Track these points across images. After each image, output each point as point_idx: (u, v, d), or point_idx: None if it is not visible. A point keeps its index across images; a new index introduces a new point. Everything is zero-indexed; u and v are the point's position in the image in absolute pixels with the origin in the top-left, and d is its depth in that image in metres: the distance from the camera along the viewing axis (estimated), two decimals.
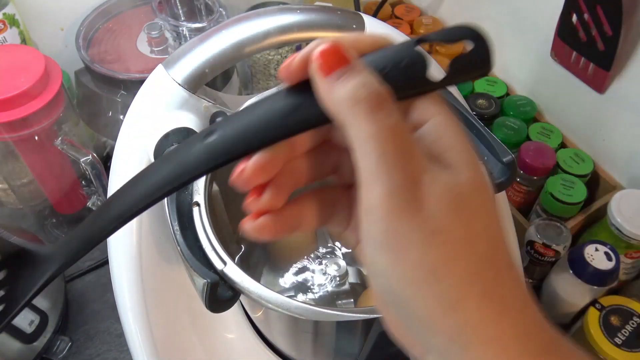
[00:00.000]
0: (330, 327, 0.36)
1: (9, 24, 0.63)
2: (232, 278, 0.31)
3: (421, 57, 0.20)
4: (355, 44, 0.20)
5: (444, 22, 0.86)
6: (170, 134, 0.38)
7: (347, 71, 0.19)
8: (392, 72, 0.20)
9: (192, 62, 0.39)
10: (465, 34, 0.20)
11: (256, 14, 0.40)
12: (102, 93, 0.61)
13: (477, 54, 0.20)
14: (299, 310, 0.30)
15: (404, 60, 0.20)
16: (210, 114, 0.40)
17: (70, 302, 0.62)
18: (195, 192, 0.35)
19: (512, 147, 0.66)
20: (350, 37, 0.20)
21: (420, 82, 0.20)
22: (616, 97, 0.62)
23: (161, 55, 0.62)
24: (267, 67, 0.74)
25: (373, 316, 0.30)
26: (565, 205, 0.60)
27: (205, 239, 0.32)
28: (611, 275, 0.54)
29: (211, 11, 0.64)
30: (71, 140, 0.57)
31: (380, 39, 0.21)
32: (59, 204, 0.65)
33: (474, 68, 0.20)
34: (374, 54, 0.20)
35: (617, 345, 0.52)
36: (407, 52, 0.20)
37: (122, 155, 0.40)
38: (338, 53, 0.19)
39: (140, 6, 0.68)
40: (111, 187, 0.41)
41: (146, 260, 0.41)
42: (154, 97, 0.39)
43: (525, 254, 0.60)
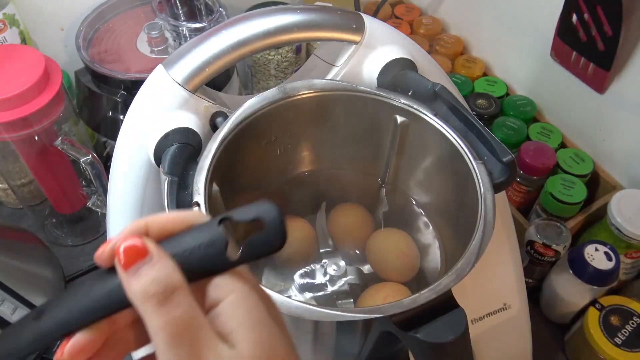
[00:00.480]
0: (330, 327, 0.36)
1: (9, 24, 0.63)
2: None
3: (221, 236, 0.21)
4: (166, 225, 0.22)
5: (444, 22, 0.86)
6: (170, 134, 0.38)
7: (145, 264, 0.20)
8: (193, 254, 0.21)
9: (192, 62, 0.39)
10: (259, 212, 0.21)
11: (256, 14, 0.40)
12: (102, 93, 0.61)
13: (269, 234, 0.21)
14: (299, 310, 0.30)
15: (205, 240, 0.21)
16: (210, 114, 0.40)
17: None
18: (195, 192, 0.35)
19: (512, 147, 0.66)
20: (162, 218, 0.22)
21: (219, 261, 0.21)
22: (616, 97, 0.62)
23: (161, 55, 0.62)
24: (267, 67, 0.74)
25: (373, 316, 0.30)
26: (565, 205, 0.60)
27: None
28: (611, 275, 0.54)
29: (211, 11, 0.64)
30: (71, 140, 0.57)
31: (191, 217, 0.23)
32: (59, 204, 0.65)
33: (267, 247, 0.21)
34: (178, 236, 0.22)
35: (617, 345, 0.52)
36: (209, 232, 0.22)
37: (122, 155, 0.40)
38: (137, 248, 0.21)
39: (140, 6, 0.68)
40: (111, 187, 0.41)
41: None
42: (154, 97, 0.39)
43: (525, 254, 0.60)
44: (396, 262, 0.45)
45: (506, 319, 0.50)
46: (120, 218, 0.40)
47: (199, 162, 0.36)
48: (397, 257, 0.45)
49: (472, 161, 0.37)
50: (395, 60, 0.42)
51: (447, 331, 0.30)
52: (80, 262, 0.66)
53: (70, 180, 0.63)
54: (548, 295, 0.60)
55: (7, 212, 0.72)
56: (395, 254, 0.45)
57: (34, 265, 0.58)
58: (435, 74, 0.45)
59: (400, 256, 0.45)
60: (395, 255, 0.45)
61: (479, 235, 0.33)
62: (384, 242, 0.46)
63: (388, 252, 0.45)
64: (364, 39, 0.42)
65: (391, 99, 0.41)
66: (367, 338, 0.36)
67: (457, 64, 0.79)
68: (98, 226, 0.69)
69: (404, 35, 0.45)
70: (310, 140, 0.46)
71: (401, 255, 0.45)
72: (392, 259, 0.45)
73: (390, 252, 0.45)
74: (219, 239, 0.21)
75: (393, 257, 0.45)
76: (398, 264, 0.45)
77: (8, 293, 0.53)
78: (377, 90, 0.41)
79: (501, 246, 0.49)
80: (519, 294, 0.51)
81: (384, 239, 0.47)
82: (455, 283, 0.31)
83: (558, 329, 0.61)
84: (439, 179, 0.43)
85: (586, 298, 0.56)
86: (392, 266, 0.45)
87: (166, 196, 0.34)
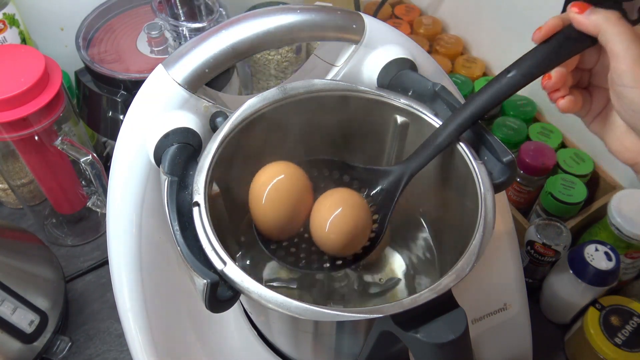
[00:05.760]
0: (330, 327, 0.36)
1: (9, 24, 0.64)
2: (232, 278, 0.31)
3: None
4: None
5: (444, 22, 0.86)
6: (170, 134, 0.38)
7: (591, 8, 0.34)
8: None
9: (192, 62, 0.39)
10: None
11: (256, 14, 0.40)
12: (102, 93, 0.61)
13: None
14: (299, 310, 0.30)
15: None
16: (210, 113, 0.40)
17: (70, 302, 0.62)
18: (195, 192, 0.34)
19: (512, 147, 0.66)
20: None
21: None
22: None
23: (161, 55, 0.62)
24: (267, 67, 0.74)
25: (373, 316, 0.30)
26: (565, 205, 0.60)
27: (205, 239, 0.32)
28: (611, 275, 0.54)
29: (211, 11, 0.64)
30: (71, 140, 0.57)
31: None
32: (59, 204, 0.65)
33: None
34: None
35: (617, 345, 0.52)
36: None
37: (122, 155, 0.40)
38: (581, 4, 0.34)
39: (140, 6, 0.68)
40: (111, 187, 0.41)
41: (146, 260, 0.41)
42: (154, 97, 0.39)
43: (525, 254, 0.60)
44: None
45: (506, 319, 0.50)
46: (120, 218, 0.40)
47: (199, 162, 0.36)
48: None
49: (472, 161, 0.37)
50: (395, 60, 0.42)
51: (447, 331, 0.30)
52: (80, 262, 0.66)
53: (70, 180, 0.63)
54: (548, 295, 0.60)
55: (7, 212, 0.72)
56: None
57: (34, 265, 0.58)
58: (435, 74, 0.45)
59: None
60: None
61: (479, 235, 0.33)
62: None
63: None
64: (364, 39, 0.42)
65: (391, 99, 0.41)
66: (367, 338, 0.36)
67: (457, 64, 0.79)
68: (98, 226, 0.69)
69: (404, 35, 0.45)
70: (310, 140, 0.46)
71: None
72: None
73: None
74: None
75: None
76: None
77: (8, 293, 0.53)
78: (377, 90, 0.41)
79: (501, 246, 0.49)
80: (519, 294, 0.51)
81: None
82: (455, 283, 0.31)
83: (558, 329, 0.61)
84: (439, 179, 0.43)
85: (586, 298, 0.56)
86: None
87: (166, 196, 0.34)
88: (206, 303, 0.31)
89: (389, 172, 0.39)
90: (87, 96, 0.63)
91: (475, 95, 0.36)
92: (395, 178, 0.39)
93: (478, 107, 0.36)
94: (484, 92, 0.36)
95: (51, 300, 0.56)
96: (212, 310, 0.31)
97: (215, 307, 0.31)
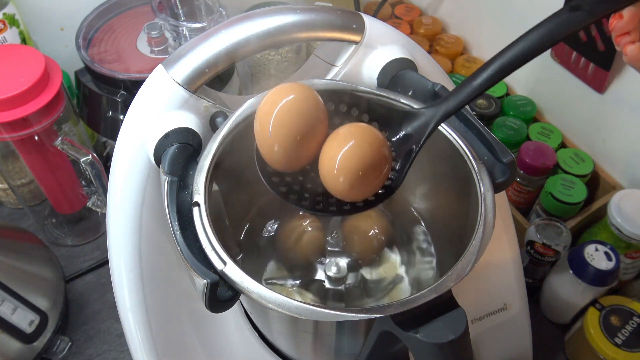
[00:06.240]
0: (330, 327, 0.36)
1: (9, 24, 0.64)
2: (232, 278, 0.31)
3: None
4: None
5: (444, 22, 0.86)
6: (170, 134, 0.38)
7: None
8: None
9: (192, 62, 0.39)
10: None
11: (256, 14, 0.40)
12: (102, 93, 0.61)
13: None
14: (299, 310, 0.30)
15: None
16: (210, 114, 0.40)
17: (70, 302, 0.62)
18: (195, 192, 0.34)
19: (512, 147, 0.66)
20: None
21: None
22: (616, 97, 0.62)
23: (161, 55, 0.62)
24: (267, 67, 0.74)
25: (373, 316, 0.30)
26: (565, 205, 0.60)
27: (205, 239, 0.32)
28: (611, 275, 0.54)
29: (211, 11, 0.64)
30: (71, 140, 0.57)
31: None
32: (59, 204, 0.65)
33: None
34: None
35: (617, 345, 0.52)
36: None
37: (122, 155, 0.40)
38: None
39: (140, 6, 0.68)
40: (111, 187, 0.41)
41: (146, 260, 0.41)
42: (154, 97, 0.39)
43: (525, 254, 0.60)
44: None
45: (506, 319, 0.50)
46: (120, 218, 0.40)
47: (199, 162, 0.36)
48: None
49: (472, 161, 0.37)
50: (395, 60, 0.42)
51: (447, 331, 0.30)
52: (80, 262, 0.66)
53: (70, 180, 0.63)
54: (548, 295, 0.60)
55: (7, 212, 0.72)
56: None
57: (34, 265, 0.58)
58: (435, 74, 0.45)
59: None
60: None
61: (479, 235, 0.33)
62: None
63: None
64: (364, 39, 0.42)
65: (391, 99, 0.41)
66: (367, 338, 0.36)
67: (457, 64, 0.79)
68: (98, 226, 0.69)
69: (404, 35, 0.45)
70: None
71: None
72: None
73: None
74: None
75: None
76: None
77: (8, 293, 0.53)
78: (377, 90, 0.41)
79: (501, 246, 0.49)
80: (519, 294, 0.51)
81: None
82: (455, 283, 0.31)
83: (558, 329, 0.61)
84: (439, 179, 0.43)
85: (586, 298, 0.56)
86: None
87: (166, 196, 0.34)
88: (206, 303, 0.31)
89: (416, 114, 0.34)
90: (87, 96, 0.63)
91: (528, 32, 0.31)
92: (422, 122, 0.34)
93: (529, 45, 0.30)
94: (539, 29, 0.30)
95: (51, 300, 0.56)
96: (212, 310, 0.31)
97: (215, 307, 0.31)
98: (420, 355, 0.31)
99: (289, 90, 0.33)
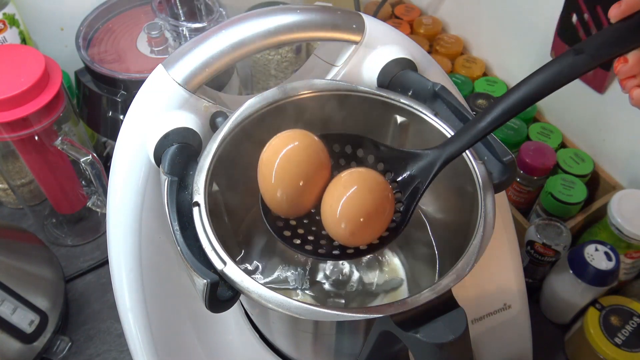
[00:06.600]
0: (330, 327, 0.36)
1: (9, 24, 0.64)
2: (232, 278, 0.31)
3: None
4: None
5: (444, 22, 0.86)
6: (170, 134, 0.38)
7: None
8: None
9: (192, 62, 0.39)
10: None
11: (256, 14, 0.40)
12: (102, 93, 0.61)
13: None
14: (299, 310, 0.30)
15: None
16: (210, 113, 0.40)
17: (70, 302, 0.62)
18: (195, 192, 0.34)
19: (512, 147, 0.66)
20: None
21: None
22: (616, 97, 0.62)
23: (161, 55, 0.62)
24: (267, 67, 0.74)
25: (373, 316, 0.30)
26: (565, 205, 0.60)
27: (205, 239, 0.32)
28: (611, 275, 0.54)
29: (211, 11, 0.64)
30: (71, 140, 0.57)
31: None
32: (59, 204, 0.65)
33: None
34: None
35: (617, 345, 0.52)
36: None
37: (122, 155, 0.40)
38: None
39: (140, 6, 0.68)
40: (111, 187, 0.41)
41: (146, 260, 0.41)
42: (154, 97, 0.39)
43: (525, 254, 0.60)
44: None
45: (506, 319, 0.50)
46: (120, 218, 0.40)
47: (199, 162, 0.36)
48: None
49: (472, 161, 0.37)
50: (395, 60, 0.42)
51: (447, 331, 0.30)
52: (80, 262, 0.66)
53: (70, 180, 0.63)
54: (548, 295, 0.60)
55: (7, 212, 0.72)
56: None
57: (34, 265, 0.58)
58: (435, 74, 0.45)
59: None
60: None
61: (479, 235, 0.33)
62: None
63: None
64: (364, 39, 0.42)
65: (391, 99, 0.41)
66: (367, 338, 0.36)
67: (457, 64, 0.79)
68: (98, 226, 0.69)
69: (404, 35, 0.45)
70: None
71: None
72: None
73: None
74: None
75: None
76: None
77: (8, 293, 0.53)
78: (377, 90, 0.41)
79: (501, 246, 0.49)
80: (519, 294, 0.51)
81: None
82: (455, 283, 0.31)
83: (558, 329, 0.61)
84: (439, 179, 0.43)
85: (586, 298, 0.56)
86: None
87: (166, 196, 0.34)
88: (206, 303, 0.31)
89: (421, 155, 0.35)
90: (87, 96, 0.63)
91: (532, 76, 0.32)
92: (427, 163, 0.34)
93: (533, 89, 0.31)
94: (543, 72, 0.31)
95: (51, 300, 0.56)
96: (212, 310, 0.31)
97: (215, 307, 0.31)
98: (420, 355, 0.31)
99: (292, 137, 0.34)
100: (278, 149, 0.33)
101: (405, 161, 0.35)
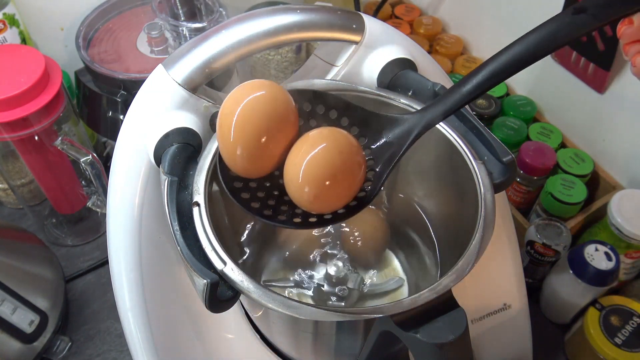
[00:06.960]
0: (330, 327, 0.36)
1: (9, 24, 0.64)
2: (232, 278, 0.31)
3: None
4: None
5: (444, 22, 0.86)
6: (170, 134, 0.38)
7: None
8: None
9: (192, 62, 0.39)
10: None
11: (256, 14, 0.40)
12: (102, 93, 0.61)
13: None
14: (299, 311, 0.30)
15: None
16: (210, 113, 0.40)
17: (70, 302, 0.62)
18: (195, 192, 0.35)
19: (512, 147, 0.66)
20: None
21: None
22: (616, 97, 0.62)
23: (161, 55, 0.62)
24: (267, 67, 0.74)
25: (373, 316, 0.30)
26: (565, 205, 0.60)
27: (205, 239, 0.32)
28: (611, 275, 0.54)
29: (211, 11, 0.64)
30: (71, 140, 0.57)
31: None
32: (59, 204, 0.65)
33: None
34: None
35: (617, 345, 0.52)
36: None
37: (122, 155, 0.40)
38: None
39: (140, 6, 0.68)
40: (111, 187, 0.41)
41: (146, 260, 0.41)
42: (154, 97, 0.39)
43: (525, 254, 0.60)
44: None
45: (506, 319, 0.50)
46: (120, 218, 0.40)
47: (199, 162, 0.36)
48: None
49: (472, 161, 0.37)
50: (395, 60, 0.42)
51: (447, 331, 0.30)
52: (80, 262, 0.66)
53: (70, 180, 0.63)
54: (548, 295, 0.60)
55: (7, 212, 0.72)
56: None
57: (34, 265, 0.58)
58: (435, 74, 0.45)
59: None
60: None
61: (479, 235, 0.33)
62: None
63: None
64: (364, 39, 0.42)
65: (391, 99, 0.41)
66: (367, 338, 0.36)
67: (457, 64, 0.79)
68: (98, 226, 0.69)
69: (404, 35, 0.45)
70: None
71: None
72: None
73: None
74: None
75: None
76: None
77: (8, 293, 0.53)
78: (377, 90, 0.41)
79: (501, 246, 0.49)
80: (519, 294, 0.51)
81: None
82: (455, 283, 0.31)
83: (558, 329, 0.61)
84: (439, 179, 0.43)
85: (586, 298, 0.56)
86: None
87: (166, 196, 0.34)
88: (206, 303, 0.31)
89: (398, 120, 0.32)
90: (87, 96, 0.63)
91: (524, 36, 0.28)
92: (404, 129, 0.31)
93: (524, 50, 0.28)
94: (537, 32, 0.28)
95: (51, 300, 0.56)
96: (212, 310, 0.31)
97: (215, 307, 0.31)
98: (420, 355, 0.31)
99: (256, 87, 0.30)
100: (240, 99, 0.29)
101: (381, 126, 0.33)
